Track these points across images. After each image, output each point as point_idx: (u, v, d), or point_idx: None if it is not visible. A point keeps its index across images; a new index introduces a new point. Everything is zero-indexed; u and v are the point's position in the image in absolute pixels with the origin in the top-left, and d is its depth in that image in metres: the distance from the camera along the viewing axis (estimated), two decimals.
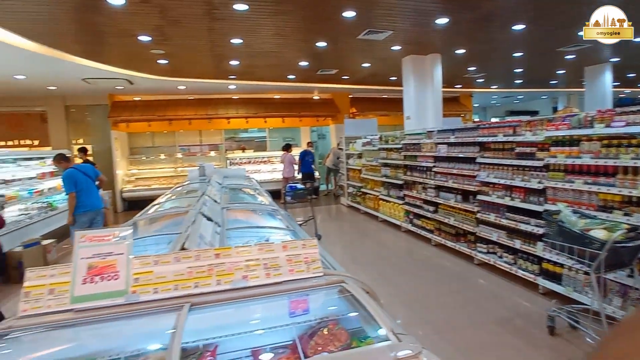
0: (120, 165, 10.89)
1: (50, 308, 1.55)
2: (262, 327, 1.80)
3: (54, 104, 10.67)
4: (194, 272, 1.73)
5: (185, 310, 1.55)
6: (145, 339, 1.62)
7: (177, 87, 10.57)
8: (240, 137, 14.22)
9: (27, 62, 6.96)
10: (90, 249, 1.68)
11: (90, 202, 5.38)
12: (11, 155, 6.55)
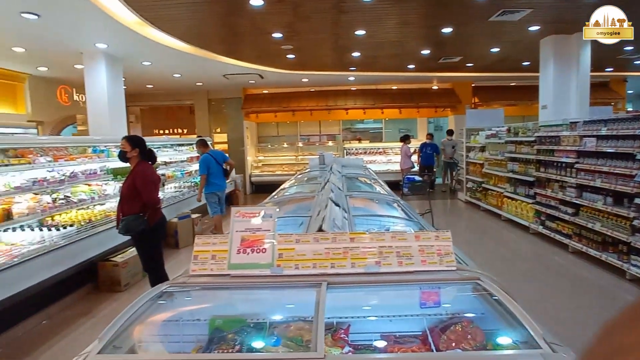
0: (250, 152, 12.11)
1: (212, 271, 1.82)
2: (392, 313, 1.82)
3: (199, 98, 12.36)
4: (330, 253, 1.84)
5: (324, 287, 1.65)
6: (287, 308, 1.79)
7: (301, 79, 11.20)
8: (356, 128, 14.44)
9: (183, 62, 8.17)
10: (243, 223, 1.91)
11: (218, 184, 6.18)
12: (170, 141, 7.83)
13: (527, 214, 7.01)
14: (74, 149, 4.76)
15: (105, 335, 1.31)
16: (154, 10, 5.39)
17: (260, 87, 12.32)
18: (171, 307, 1.75)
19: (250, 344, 1.56)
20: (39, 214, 3.86)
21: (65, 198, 4.30)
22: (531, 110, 12.08)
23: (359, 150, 12.86)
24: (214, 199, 6.15)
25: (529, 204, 6.90)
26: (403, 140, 10.76)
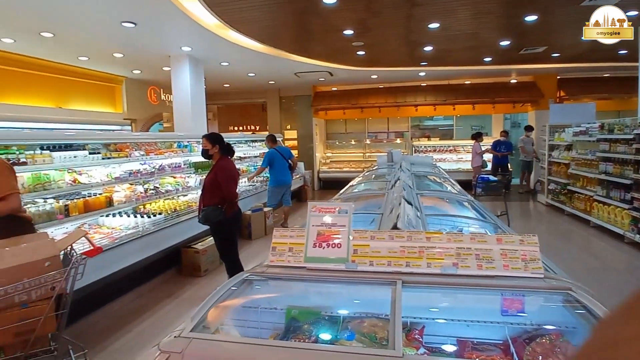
0: (318, 149, 12.33)
1: (289, 263, 1.88)
2: (469, 318, 1.74)
3: (271, 96, 12.84)
4: (405, 251, 1.81)
5: (399, 286, 1.63)
6: (361, 304, 1.80)
7: (370, 76, 11.11)
8: (425, 125, 13.97)
9: (257, 62, 8.54)
10: (319, 218, 1.96)
11: (282, 178, 6.63)
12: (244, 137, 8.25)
13: (621, 220, 6.25)
14: (162, 144, 5.23)
15: (197, 315, 1.43)
16: (233, 14, 5.70)
17: (329, 84, 12.44)
18: (250, 295, 1.85)
19: (325, 336, 1.60)
20: (133, 202, 4.31)
21: (154, 189, 4.75)
22: (628, 105, 10.72)
23: (427, 148, 12.45)
24: (275, 192, 6.55)
25: (625, 210, 6.15)
26: (475, 137, 10.18)
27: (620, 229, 6.24)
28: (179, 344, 1.28)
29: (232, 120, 14.13)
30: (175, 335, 1.33)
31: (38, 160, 3.43)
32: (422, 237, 1.83)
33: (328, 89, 12.88)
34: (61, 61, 7.70)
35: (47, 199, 3.55)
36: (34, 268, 2.02)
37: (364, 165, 11.93)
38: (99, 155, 4.09)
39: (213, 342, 1.31)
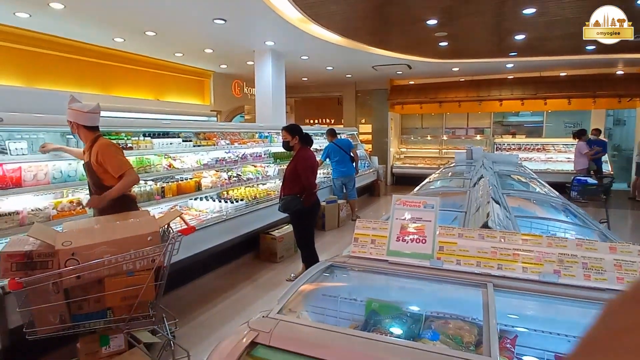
0: (392, 144, 12.09)
1: (371, 255, 1.86)
2: (572, 333, 1.56)
3: (347, 90, 12.85)
4: (497, 253, 1.67)
5: (491, 289, 1.52)
6: (445, 304, 1.70)
7: (451, 69, 10.56)
8: (509, 121, 12.91)
9: (335, 55, 8.59)
10: (403, 211, 1.90)
11: (342, 170, 6.71)
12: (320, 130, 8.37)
13: None
14: (245, 134, 5.51)
15: (283, 299, 1.47)
16: (316, 7, 5.77)
17: (407, 77, 12.09)
18: (331, 283, 1.86)
19: (407, 333, 1.55)
20: (218, 188, 4.62)
21: (237, 176, 5.03)
22: None
23: (511, 146, 11.51)
24: (337, 184, 6.73)
25: None
26: (578, 136, 9.01)
27: None
28: (267, 324, 1.32)
29: (309, 114, 14.42)
30: (264, 315, 1.38)
31: (141, 145, 3.83)
32: (518, 239, 1.68)
33: (405, 83, 12.52)
34: (160, 57, 8.50)
35: (147, 180, 3.95)
36: (139, 241, 2.25)
37: (440, 162, 11.41)
38: (191, 143, 4.44)
39: (299, 325, 1.33)
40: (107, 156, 2.71)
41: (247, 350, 1.32)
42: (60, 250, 2.09)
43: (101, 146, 2.75)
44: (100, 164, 2.71)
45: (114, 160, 2.72)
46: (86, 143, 2.86)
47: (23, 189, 2.96)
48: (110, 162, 2.71)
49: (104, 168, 2.72)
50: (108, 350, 2.35)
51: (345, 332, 1.31)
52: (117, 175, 2.71)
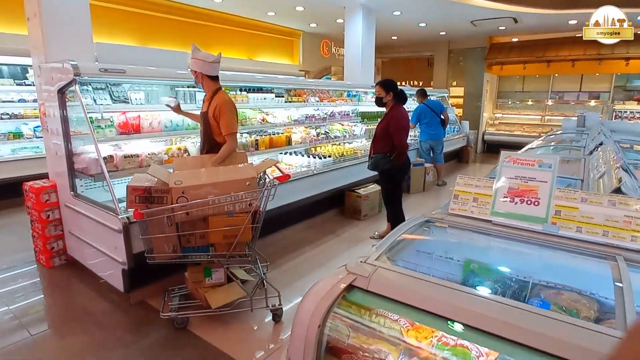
0: (486, 108, 11.10)
1: (472, 214, 1.73)
2: None
3: (439, 49, 11.96)
4: (632, 223, 1.44)
5: (623, 264, 1.32)
6: (557, 274, 1.54)
7: (567, 21, 9.13)
8: (633, 85, 10.92)
9: (431, 9, 7.95)
10: (513, 170, 1.71)
11: (431, 133, 6.40)
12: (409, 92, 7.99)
13: None
14: (333, 93, 5.48)
15: (381, 247, 1.45)
16: None
17: (510, 34, 10.80)
18: (426, 239, 1.79)
19: (511, 298, 1.43)
20: (307, 143, 4.71)
21: (325, 133, 5.07)
22: None
23: (635, 114, 9.83)
24: (424, 147, 6.48)
25: None
26: None
27: None
28: (366, 269, 1.32)
29: (396, 75, 13.80)
30: (362, 260, 1.38)
31: (238, 99, 4.01)
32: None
33: (507, 40, 11.20)
34: (254, 17, 8.70)
35: (243, 133, 4.17)
36: (238, 185, 2.39)
37: (541, 130, 10.23)
38: (282, 99, 4.54)
39: (397, 274, 1.31)
40: (223, 112, 2.78)
41: (344, 294, 1.33)
42: (173, 188, 2.32)
43: (221, 101, 2.81)
44: (215, 117, 2.81)
45: (228, 118, 2.79)
46: (207, 93, 2.94)
47: (141, 134, 3.31)
48: (224, 118, 2.78)
49: (218, 122, 2.82)
50: (210, 282, 2.61)
51: (448, 285, 1.24)
52: (225, 133, 2.78)
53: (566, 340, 0.98)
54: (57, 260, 3.47)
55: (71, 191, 3.23)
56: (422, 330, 1.32)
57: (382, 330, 1.34)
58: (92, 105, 3.09)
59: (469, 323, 1.11)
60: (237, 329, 2.56)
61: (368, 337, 1.34)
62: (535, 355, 1.03)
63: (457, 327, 1.16)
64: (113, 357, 2.31)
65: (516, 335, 1.04)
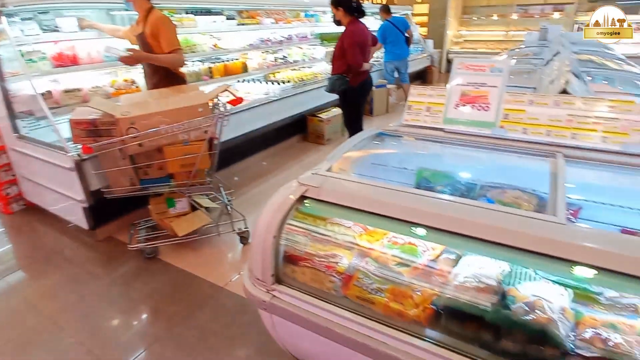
0: (451, 26, 10.79)
1: (426, 123, 1.74)
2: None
3: None
4: (574, 121, 1.49)
5: (561, 160, 1.38)
6: (504, 175, 1.61)
7: None
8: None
9: None
10: (465, 76, 1.70)
11: (396, 52, 6.09)
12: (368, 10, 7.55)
13: None
14: (290, 13, 5.11)
15: (332, 159, 1.45)
16: None
17: None
18: (381, 152, 1.81)
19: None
20: (265, 69, 4.49)
21: (283, 58, 4.82)
22: None
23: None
24: (388, 67, 6.22)
25: None
26: None
27: None
28: (317, 180, 1.33)
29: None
30: (313, 172, 1.38)
31: (185, 23, 3.68)
32: (603, 106, 1.47)
33: None
34: None
35: (194, 61, 3.89)
36: (190, 112, 2.28)
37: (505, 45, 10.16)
38: (234, 21, 4.20)
39: (348, 182, 1.32)
40: (163, 29, 2.60)
41: (297, 205, 1.35)
42: (121, 119, 2.18)
43: (158, 18, 2.62)
44: (154, 36, 2.62)
45: (169, 34, 2.62)
46: (140, 13, 2.72)
47: (81, 66, 3.03)
48: (166, 35, 2.61)
49: (158, 41, 2.63)
50: (175, 211, 2.61)
51: (396, 188, 1.28)
52: (169, 50, 2.63)
53: (503, 227, 1.05)
54: (15, 206, 3.34)
55: (14, 133, 3.01)
56: (375, 234, 1.39)
57: (337, 237, 1.40)
58: (21, 37, 2.77)
59: (415, 221, 1.16)
60: (207, 254, 2.63)
61: (324, 244, 1.39)
62: (477, 244, 1.10)
63: (407, 227, 1.22)
64: (88, 290, 2.33)
65: (459, 227, 1.10)
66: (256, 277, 1.40)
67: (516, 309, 1.04)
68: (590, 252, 0.95)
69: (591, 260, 0.95)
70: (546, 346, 0.99)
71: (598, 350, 0.96)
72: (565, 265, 0.99)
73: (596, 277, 0.97)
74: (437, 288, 1.17)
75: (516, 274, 1.16)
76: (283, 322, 1.40)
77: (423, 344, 1.11)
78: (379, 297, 1.19)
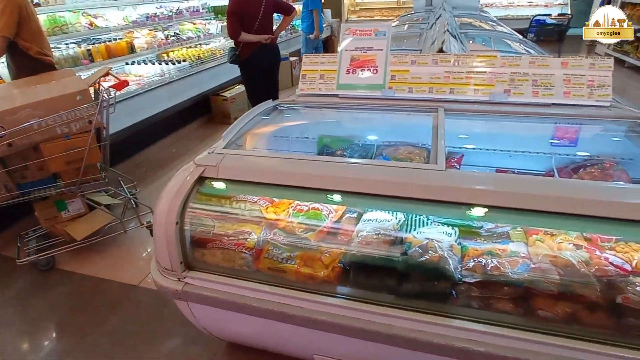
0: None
1: (320, 90, 1.76)
2: (514, 148, 1.65)
3: None
4: (450, 77, 1.63)
5: (442, 113, 1.51)
6: (397, 133, 1.72)
7: None
8: None
9: None
10: (353, 42, 1.75)
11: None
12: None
13: None
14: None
15: (228, 135, 1.40)
16: None
17: None
18: (281, 124, 1.79)
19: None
20: (155, 49, 4.12)
21: (175, 35, 4.47)
22: None
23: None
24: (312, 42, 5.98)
25: None
26: None
27: None
28: (214, 158, 1.27)
29: None
30: (209, 151, 1.33)
31: (50, 0, 3.20)
32: (472, 62, 1.62)
33: None
34: None
35: (68, 43, 3.42)
36: (67, 101, 2.02)
37: (398, 12, 10.68)
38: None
39: (247, 156, 1.30)
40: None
41: (196, 188, 1.29)
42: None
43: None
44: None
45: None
46: None
47: None
48: None
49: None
50: (68, 214, 2.33)
51: (295, 157, 1.29)
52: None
53: (394, 181, 1.12)
54: None
55: None
56: (281, 205, 1.40)
57: (244, 214, 1.38)
58: None
59: (317, 187, 1.19)
60: (115, 254, 2.42)
61: (231, 222, 1.37)
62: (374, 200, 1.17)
63: (309, 194, 1.24)
64: None
65: (357, 187, 1.15)
66: (165, 268, 1.33)
67: (412, 253, 1.14)
68: (467, 192, 1.06)
69: (469, 199, 1.06)
70: (440, 281, 1.10)
71: (480, 275, 1.10)
72: (450, 207, 1.10)
73: (475, 213, 1.10)
74: (343, 247, 1.23)
75: (411, 222, 1.26)
76: (201, 307, 1.37)
77: (336, 300, 1.17)
78: (289, 265, 1.21)
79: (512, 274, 1.09)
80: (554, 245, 1.15)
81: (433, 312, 1.08)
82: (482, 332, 1.04)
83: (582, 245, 1.16)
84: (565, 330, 1.02)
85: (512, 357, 1.01)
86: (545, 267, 1.08)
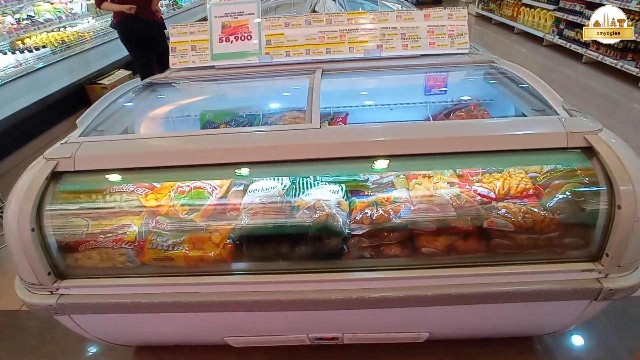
0: None
1: (194, 63, 1.63)
2: (393, 102, 1.72)
3: None
4: (325, 37, 1.61)
5: (318, 74, 1.49)
6: (281, 99, 1.68)
7: None
8: None
9: None
10: (222, 7, 1.63)
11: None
12: None
13: (544, 23, 6.38)
14: None
15: (84, 121, 1.23)
16: None
17: None
18: (158, 106, 1.64)
19: None
20: (6, 36, 3.48)
21: (29, 18, 3.82)
22: None
23: None
24: None
25: (550, 11, 6.21)
26: None
27: (542, 32, 6.42)
28: (67, 149, 1.10)
29: None
30: (62, 143, 1.15)
31: None
32: (344, 20, 1.62)
33: None
34: None
35: None
36: None
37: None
38: None
39: (108, 142, 1.15)
40: None
41: (52, 185, 1.12)
42: None
43: None
44: None
45: None
46: None
47: None
48: None
49: None
50: None
51: (164, 135, 1.18)
52: None
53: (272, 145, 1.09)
54: None
55: None
56: (163, 190, 1.28)
57: (121, 206, 1.24)
58: None
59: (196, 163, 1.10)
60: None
61: (106, 218, 1.22)
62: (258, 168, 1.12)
63: (189, 172, 1.15)
64: None
65: (237, 156, 1.09)
66: (31, 283, 1.15)
67: (301, 215, 1.12)
68: (342, 146, 1.07)
69: (344, 153, 1.07)
70: (330, 238, 1.11)
71: (368, 226, 1.13)
72: (331, 164, 1.10)
73: (357, 166, 1.12)
74: (233, 222, 1.17)
75: (300, 186, 1.25)
76: (86, 317, 1.22)
77: (233, 278, 1.12)
78: (177, 251, 1.12)
79: (396, 219, 1.13)
80: (431, 185, 1.23)
81: (329, 270, 1.09)
82: (375, 279, 1.08)
83: (455, 182, 1.26)
84: (446, 261, 1.10)
85: (403, 295, 1.06)
86: (423, 207, 1.15)
